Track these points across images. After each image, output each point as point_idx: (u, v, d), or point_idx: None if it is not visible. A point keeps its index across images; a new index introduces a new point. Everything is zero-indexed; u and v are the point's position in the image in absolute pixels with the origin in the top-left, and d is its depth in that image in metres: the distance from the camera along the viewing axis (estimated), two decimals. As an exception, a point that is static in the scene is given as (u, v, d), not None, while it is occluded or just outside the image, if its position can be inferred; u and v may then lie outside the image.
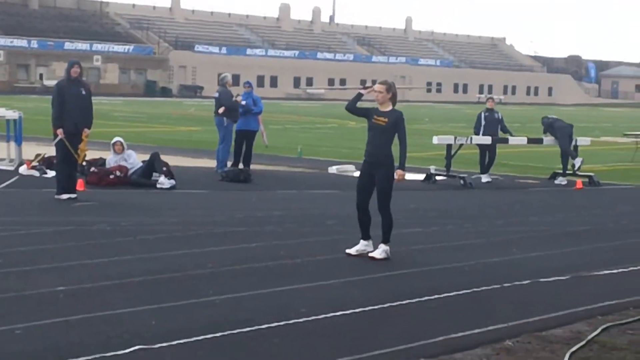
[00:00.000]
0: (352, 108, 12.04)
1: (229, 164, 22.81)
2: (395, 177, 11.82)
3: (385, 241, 11.87)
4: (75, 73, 16.55)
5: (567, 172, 24.31)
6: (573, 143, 24.60)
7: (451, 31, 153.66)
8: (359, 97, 12.08)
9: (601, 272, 11.71)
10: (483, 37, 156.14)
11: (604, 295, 10.29)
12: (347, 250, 12.02)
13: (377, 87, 11.95)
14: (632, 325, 8.98)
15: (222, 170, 22.10)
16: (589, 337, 8.39)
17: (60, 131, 16.34)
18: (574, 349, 7.99)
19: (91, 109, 16.73)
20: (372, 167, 11.87)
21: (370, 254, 11.86)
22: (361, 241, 12.06)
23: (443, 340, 8.11)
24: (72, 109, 16.32)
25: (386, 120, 11.78)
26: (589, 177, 24.32)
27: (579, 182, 23.59)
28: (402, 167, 11.82)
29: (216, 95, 23.27)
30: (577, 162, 24.06)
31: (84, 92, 16.56)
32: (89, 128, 16.67)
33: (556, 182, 24.09)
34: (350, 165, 25.31)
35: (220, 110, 22.64)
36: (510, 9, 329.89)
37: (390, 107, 11.90)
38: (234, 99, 22.68)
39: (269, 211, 16.32)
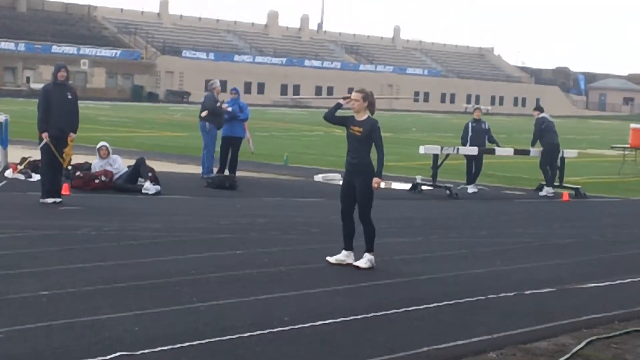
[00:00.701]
0: (331, 117, 12.05)
1: (215, 170, 22.78)
2: (373, 184, 11.78)
3: (369, 250, 11.85)
4: (62, 77, 16.50)
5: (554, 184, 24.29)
6: (560, 155, 24.60)
7: (439, 41, 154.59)
8: (337, 107, 12.11)
9: (586, 285, 11.70)
10: (471, 47, 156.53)
11: (589, 308, 10.28)
12: (327, 258, 12.00)
13: (353, 95, 11.95)
14: (617, 339, 8.96)
15: (207, 177, 22.07)
16: (574, 350, 8.37)
17: (45, 135, 16.28)
18: (557, 361, 7.98)
19: (77, 113, 16.68)
20: (352, 176, 11.86)
21: (355, 263, 11.84)
22: (342, 251, 12.03)
23: (427, 351, 8.08)
24: (57, 113, 16.27)
25: (361, 129, 11.75)
26: (575, 189, 24.35)
27: (565, 194, 23.62)
28: (378, 174, 11.77)
29: (202, 100, 23.36)
30: (545, 190, 23.99)
31: (70, 97, 16.51)
32: (75, 132, 16.62)
33: (541, 193, 24.08)
34: (336, 174, 25.30)
35: (203, 113, 22.65)
36: (499, 19, 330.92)
37: (366, 116, 11.86)
38: (218, 104, 22.67)
39: (253, 218, 16.29)
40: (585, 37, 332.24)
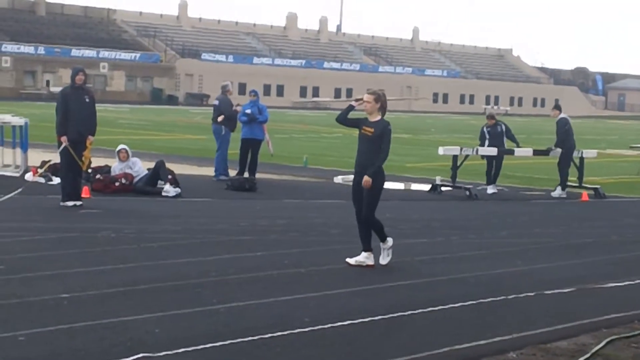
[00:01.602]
0: (343, 119, 12.10)
1: (231, 172, 22.82)
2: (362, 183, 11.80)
3: (383, 240, 11.94)
4: (80, 80, 16.55)
5: (571, 183, 24.14)
6: (578, 155, 24.54)
7: (458, 42, 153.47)
8: (350, 109, 12.15)
9: (606, 285, 11.68)
10: (490, 48, 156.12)
11: (609, 307, 10.26)
12: (347, 259, 12.01)
13: (365, 96, 11.98)
14: (637, 338, 8.94)
15: (219, 179, 22.19)
16: (594, 350, 8.35)
17: (64, 138, 16.33)
18: (578, 361, 7.97)
19: (95, 116, 16.73)
20: (361, 177, 11.87)
21: (380, 262, 11.92)
22: (362, 253, 12.03)
23: (447, 352, 8.09)
24: (75, 117, 16.32)
25: (372, 130, 11.76)
26: (595, 189, 24.28)
27: (585, 195, 23.54)
28: (369, 173, 11.75)
29: (216, 102, 23.44)
30: (558, 192, 23.86)
31: (87, 100, 16.56)
32: (93, 135, 16.66)
33: (553, 194, 23.90)
34: (355, 175, 25.28)
35: (220, 118, 22.72)
36: (518, 20, 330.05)
37: (378, 118, 11.88)
38: (233, 108, 22.72)
39: (273, 220, 16.30)
40: (604, 38, 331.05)
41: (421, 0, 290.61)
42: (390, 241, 12.03)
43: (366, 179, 11.69)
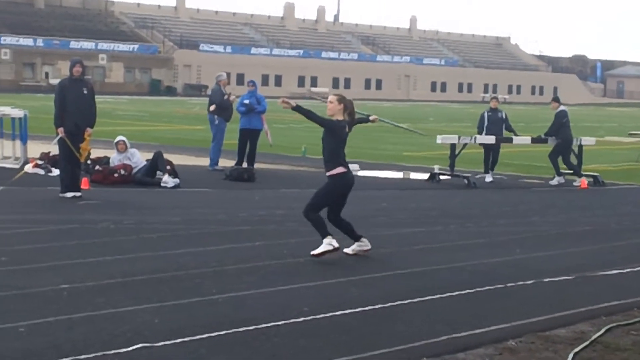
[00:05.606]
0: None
1: (229, 163, 22.87)
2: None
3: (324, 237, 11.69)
4: (77, 72, 16.54)
5: (564, 171, 24.05)
6: (576, 143, 24.52)
7: (456, 30, 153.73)
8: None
9: (605, 272, 11.68)
10: (488, 36, 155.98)
11: (608, 295, 10.27)
12: (345, 250, 11.94)
13: (329, 98, 12.14)
14: (636, 326, 8.96)
15: (220, 169, 22.27)
16: (593, 337, 8.37)
17: (60, 130, 16.33)
18: (577, 349, 7.98)
19: (94, 108, 16.71)
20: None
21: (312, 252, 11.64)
22: (355, 243, 11.98)
23: (446, 340, 8.10)
24: (73, 108, 16.31)
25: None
26: (594, 177, 24.27)
27: (584, 182, 23.54)
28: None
29: (209, 93, 23.59)
30: (556, 180, 23.82)
31: (85, 92, 16.55)
32: (92, 127, 16.65)
33: (552, 182, 23.87)
34: (354, 165, 25.27)
35: (211, 108, 22.82)
36: (515, 8, 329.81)
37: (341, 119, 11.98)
38: (225, 97, 22.76)
39: (272, 210, 16.32)
40: (602, 25, 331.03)
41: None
42: (325, 240, 11.69)
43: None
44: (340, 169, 11.72)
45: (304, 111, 11.76)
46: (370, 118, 13.19)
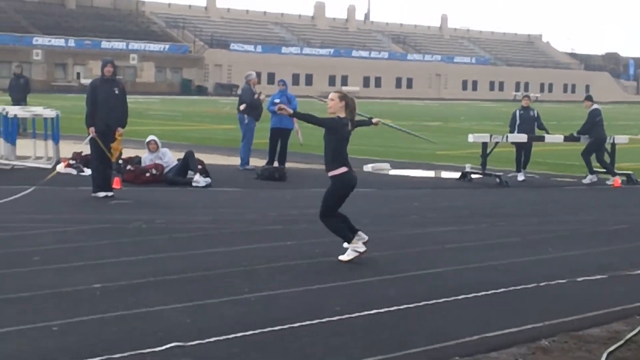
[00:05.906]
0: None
1: (260, 162, 22.88)
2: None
3: (347, 240, 11.55)
4: (109, 72, 16.60)
5: (597, 169, 23.90)
6: (609, 141, 24.35)
7: (487, 29, 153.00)
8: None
9: (639, 272, 11.59)
10: (519, 34, 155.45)
11: (641, 294, 10.19)
12: (340, 258, 11.59)
13: (330, 95, 12.04)
14: (670, 324, 8.88)
15: (250, 168, 22.30)
16: (627, 336, 8.31)
17: (92, 130, 16.39)
18: (611, 348, 7.92)
19: (125, 108, 16.76)
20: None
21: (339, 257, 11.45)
22: (349, 246, 11.70)
23: (478, 339, 8.07)
24: (104, 108, 16.36)
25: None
26: (627, 175, 24.10)
27: (617, 181, 23.39)
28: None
29: (239, 92, 23.59)
30: (589, 178, 23.65)
31: (117, 92, 16.59)
32: (123, 127, 16.70)
33: (584, 181, 23.72)
34: (385, 164, 25.28)
35: (242, 107, 22.83)
36: (547, 6, 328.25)
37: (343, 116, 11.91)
38: (255, 96, 22.77)
39: (303, 209, 16.30)
40: (635, 22, 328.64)
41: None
42: (351, 244, 11.52)
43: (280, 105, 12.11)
44: (342, 169, 11.65)
45: (302, 115, 11.79)
46: (373, 121, 13.10)
